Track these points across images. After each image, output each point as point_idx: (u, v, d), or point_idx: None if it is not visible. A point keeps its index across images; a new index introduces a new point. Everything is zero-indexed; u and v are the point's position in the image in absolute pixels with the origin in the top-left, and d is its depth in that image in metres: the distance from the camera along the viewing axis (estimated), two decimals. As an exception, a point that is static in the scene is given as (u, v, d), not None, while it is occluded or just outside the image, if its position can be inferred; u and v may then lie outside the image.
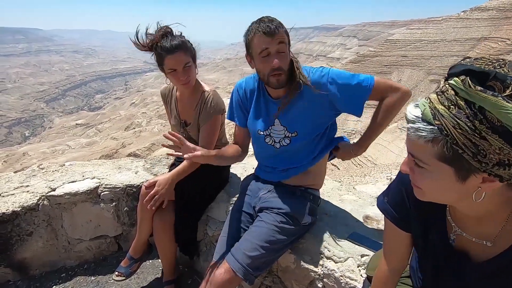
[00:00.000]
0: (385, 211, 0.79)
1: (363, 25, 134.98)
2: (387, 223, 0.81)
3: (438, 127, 0.50)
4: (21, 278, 1.88)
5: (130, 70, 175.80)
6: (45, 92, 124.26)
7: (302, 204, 1.36)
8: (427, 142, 0.52)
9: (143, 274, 1.94)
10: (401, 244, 0.81)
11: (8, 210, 1.73)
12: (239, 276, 1.20)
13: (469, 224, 0.65)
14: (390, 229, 0.81)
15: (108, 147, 49.02)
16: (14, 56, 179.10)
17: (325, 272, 1.28)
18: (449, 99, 0.49)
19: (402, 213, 0.76)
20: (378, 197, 0.83)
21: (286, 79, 1.23)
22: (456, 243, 0.68)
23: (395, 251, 0.83)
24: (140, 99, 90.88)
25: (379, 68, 69.64)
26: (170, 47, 1.44)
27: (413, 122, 0.53)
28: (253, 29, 1.19)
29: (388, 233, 0.82)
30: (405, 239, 0.80)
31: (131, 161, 2.38)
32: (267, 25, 1.15)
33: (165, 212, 1.65)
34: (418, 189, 0.61)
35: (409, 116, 0.54)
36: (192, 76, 1.53)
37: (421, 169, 0.56)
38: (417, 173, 0.58)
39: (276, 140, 1.36)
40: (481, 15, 69.21)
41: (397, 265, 0.84)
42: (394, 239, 0.81)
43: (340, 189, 1.84)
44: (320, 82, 1.23)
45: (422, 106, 0.53)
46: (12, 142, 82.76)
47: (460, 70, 0.49)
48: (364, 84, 1.21)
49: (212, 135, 1.62)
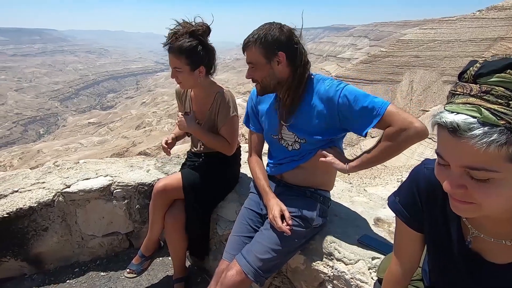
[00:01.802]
0: (397, 211, 0.79)
1: (375, 25, 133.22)
2: (398, 223, 0.80)
3: (506, 127, 0.46)
4: (36, 272, 1.93)
5: (141, 70, 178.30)
6: (59, 91, 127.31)
7: (312, 206, 1.36)
8: (500, 146, 0.46)
9: (154, 271, 1.97)
10: (413, 244, 0.80)
11: (25, 206, 1.78)
12: (250, 278, 1.21)
13: (487, 225, 0.64)
14: (401, 229, 0.80)
15: (119, 145, 49.88)
16: (31, 56, 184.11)
17: (335, 273, 1.27)
18: (503, 95, 0.47)
19: (414, 213, 0.75)
20: (389, 197, 0.82)
21: (263, 89, 1.30)
22: (473, 245, 0.67)
23: (406, 251, 0.82)
24: (151, 99, 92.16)
25: (390, 68, 68.58)
26: (169, 46, 1.49)
27: (471, 129, 0.47)
28: None
29: (399, 233, 0.82)
30: (417, 240, 0.79)
31: (143, 159, 2.42)
32: (244, 40, 1.25)
33: (176, 211, 1.68)
34: (470, 206, 0.54)
35: (463, 125, 0.48)
36: (182, 80, 1.55)
37: (484, 182, 0.50)
38: (475, 188, 0.51)
39: (289, 143, 1.38)
40: (497, 15, 67.34)
41: (408, 266, 0.83)
42: (405, 240, 0.81)
43: (350, 191, 1.83)
44: (330, 96, 1.21)
45: (472, 111, 0.48)
46: (27, 139, 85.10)
47: (503, 65, 0.48)
48: (376, 107, 1.13)
49: (233, 135, 1.64)
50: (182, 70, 1.52)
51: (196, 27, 1.50)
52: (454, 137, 0.49)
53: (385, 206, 1.65)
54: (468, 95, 0.50)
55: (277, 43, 1.21)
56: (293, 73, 1.26)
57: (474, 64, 0.52)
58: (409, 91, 62.54)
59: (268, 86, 1.28)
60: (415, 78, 65.98)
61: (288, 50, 1.22)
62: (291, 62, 1.24)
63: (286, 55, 1.22)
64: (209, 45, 1.57)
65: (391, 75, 66.52)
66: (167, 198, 1.68)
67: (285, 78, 1.26)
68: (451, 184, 0.54)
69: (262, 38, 1.20)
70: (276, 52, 1.21)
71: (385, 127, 1.14)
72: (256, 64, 1.25)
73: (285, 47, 1.22)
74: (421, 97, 61.19)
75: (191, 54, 1.49)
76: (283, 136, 1.38)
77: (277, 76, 1.26)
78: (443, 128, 0.51)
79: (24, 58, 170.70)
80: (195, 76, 1.55)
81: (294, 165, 1.39)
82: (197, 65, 1.53)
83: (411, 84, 65.38)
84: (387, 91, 62.89)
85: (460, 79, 0.53)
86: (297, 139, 1.34)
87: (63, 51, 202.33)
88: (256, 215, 1.46)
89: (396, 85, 62.17)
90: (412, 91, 63.16)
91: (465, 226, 0.68)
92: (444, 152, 0.53)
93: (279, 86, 1.28)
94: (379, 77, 66.46)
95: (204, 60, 1.55)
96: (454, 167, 0.53)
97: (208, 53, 1.56)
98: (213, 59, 1.62)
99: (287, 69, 1.25)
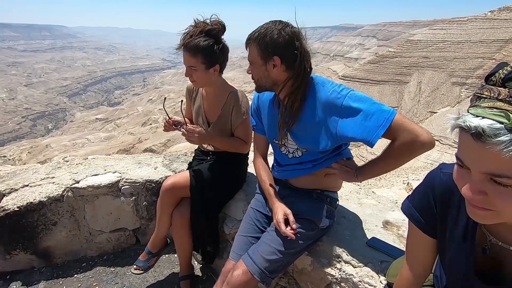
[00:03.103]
0: (411, 216, 0.77)
1: (383, 25, 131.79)
2: (412, 228, 0.79)
3: None
4: (45, 265, 1.96)
5: (149, 67, 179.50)
6: (67, 87, 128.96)
7: (319, 208, 1.34)
8: None
9: (160, 268, 1.99)
10: (426, 249, 0.78)
11: (35, 200, 1.80)
12: (256, 278, 1.21)
13: (505, 232, 0.62)
14: (414, 234, 0.79)
15: (126, 141, 50.34)
16: (40, 52, 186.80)
17: (343, 276, 1.26)
18: None
19: (429, 218, 0.74)
20: (403, 202, 0.81)
21: (258, 87, 1.26)
22: (491, 253, 0.65)
23: (418, 257, 0.80)
24: (158, 96, 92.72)
25: (398, 69, 67.85)
26: (183, 44, 1.49)
27: (497, 135, 0.45)
28: None
29: (412, 238, 0.80)
30: (430, 245, 0.77)
31: (150, 157, 2.43)
32: (248, 35, 1.21)
33: (184, 209, 1.68)
34: (488, 212, 0.52)
35: (489, 130, 0.46)
36: (196, 79, 1.55)
37: (505, 188, 0.48)
38: (495, 195, 0.50)
39: (290, 151, 1.35)
40: (509, 16, 66.04)
41: (420, 272, 0.81)
42: (418, 245, 0.79)
43: (358, 193, 1.81)
44: (332, 102, 1.14)
45: (499, 116, 0.46)
46: (36, 134, 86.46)
47: None
48: (384, 115, 1.07)
49: (248, 134, 1.64)
50: (197, 68, 1.52)
51: (212, 25, 1.49)
52: (478, 142, 0.47)
53: (393, 209, 1.63)
54: (495, 99, 0.48)
55: (273, 46, 1.14)
56: (291, 77, 1.19)
57: (503, 66, 0.49)
58: (417, 92, 61.79)
59: (263, 86, 1.25)
60: (424, 79, 65.16)
61: (285, 55, 1.15)
62: (288, 67, 1.17)
63: (281, 60, 1.15)
64: (224, 44, 1.55)
65: (399, 76, 65.81)
66: (175, 196, 1.68)
67: (282, 80, 1.21)
68: (471, 190, 0.52)
69: (261, 39, 1.15)
70: (271, 56, 1.15)
71: (391, 136, 1.09)
72: (253, 62, 1.21)
73: (281, 51, 1.14)
74: (429, 99, 60.42)
75: (207, 53, 1.49)
76: (285, 143, 1.34)
77: (273, 79, 1.21)
78: (466, 132, 0.49)
79: (34, 54, 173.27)
80: (209, 74, 1.55)
81: (297, 175, 1.37)
82: (213, 64, 1.53)
83: (419, 85, 64.60)
84: (395, 91, 62.22)
85: (487, 81, 0.51)
86: (299, 147, 1.31)
87: (72, 47, 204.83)
88: (263, 216, 1.46)
89: (404, 86, 61.47)
90: (420, 92, 62.39)
91: (482, 233, 0.66)
92: (466, 157, 0.52)
93: (276, 87, 1.24)
94: (386, 78, 65.79)
95: (219, 58, 1.54)
96: (476, 173, 0.51)
97: (223, 52, 1.55)
98: (227, 58, 1.61)
99: (284, 73, 1.19)
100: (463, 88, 62.05)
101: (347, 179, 1.25)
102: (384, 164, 1.16)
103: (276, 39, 1.13)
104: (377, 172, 1.19)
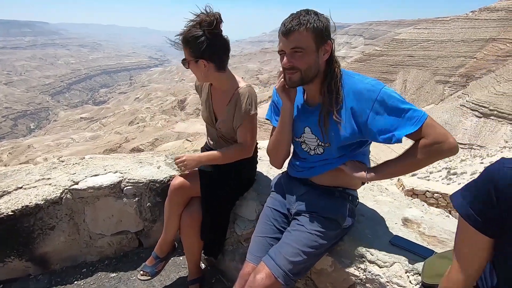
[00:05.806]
0: (467, 216, 0.72)
1: (369, 23, 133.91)
2: (465, 227, 0.74)
3: None
4: (42, 272, 1.84)
5: (135, 65, 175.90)
6: (50, 85, 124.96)
7: (342, 206, 1.29)
8: None
9: (166, 271, 1.89)
10: (482, 250, 0.74)
11: (31, 203, 1.68)
12: (280, 281, 1.14)
13: None
14: (469, 235, 0.74)
15: (112, 141, 49.25)
16: (21, 49, 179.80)
17: (369, 277, 1.21)
18: None
19: (488, 217, 0.69)
20: (456, 198, 0.75)
21: (301, 79, 1.16)
22: None
23: (473, 259, 0.76)
24: (144, 94, 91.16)
25: (385, 67, 69.18)
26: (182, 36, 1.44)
27: None
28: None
29: (467, 240, 0.75)
30: (486, 245, 0.73)
31: (151, 155, 2.33)
32: (285, 25, 1.11)
33: (194, 209, 1.60)
34: None
35: None
36: (194, 72, 1.51)
37: None
38: None
39: (311, 148, 1.30)
40: (490, 16, 68.35)
41: (474, 274, 0.77)
42: (473, 246, 0.74)
43: (372, 190, 1.78)
44: (366, 93, 1.12)
45: None
46: (17, 134, 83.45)
47: None
48: (416, 115, 1.07)
49: (250, 134, 1.55)
50: (188, 61, 1.48)
51: (205, 17, 1.41)
52: None
53: (410, 206, 1.61)
54: None
55: (327, 30, 1.13)
56: (328, 66, 1.18)
57: None
58: (402, 90, 63.21)
59: (308, 76, 1.17)
60: (409, 78, 66.71)
61: (331, 41, 1.15)
62: (332, 53, 1.16)
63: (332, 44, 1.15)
64: (217, 36, 1.44)
65: (385, 74, 67.11)
66: (184, 195, 1.60)
67: (322, 71, 1.18)
68: None
69: (315, 23, 1.10)
70: (326, 40, 1.13)
71: (417, 138, 1.09)
72: (305, 49, 1.12)
73: (330, 36, 1.14)
74: (414, 96, 61.92)
75: (193, 45, 1.42)
76: (305, 140, 1.30)
77: (320, 67, 1.17)
78: None
79: (14, 51, 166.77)
80: (200, 68, 1.47)
81: (319, 172, 1.32)
82: (200, 56, 1.44)
83: (405, 83, 66.07)
84: (382, 90, 63.40)
85: None
86: (320, 143, 1.26)
87: (54, 45, 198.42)
88: (281, 215, 1.39)
89: (390, 84, 62.63)
90: (405, 90, 63.86)
91: None
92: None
93: (316, 79, 1.19)
94: (373, 76, 66.93)
95: (206, 51, 1.43)
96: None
97: (215, 44, 1.44)
98: (221, 52, 1.49)
99: (325, 62, 1.17)
100: (447, 86, 63.85)
101: (355, 173, 1.22)
102: (402, 164, 1.15)
103: (326, 23, 1.12)
104: (391, 172, 1.19)
